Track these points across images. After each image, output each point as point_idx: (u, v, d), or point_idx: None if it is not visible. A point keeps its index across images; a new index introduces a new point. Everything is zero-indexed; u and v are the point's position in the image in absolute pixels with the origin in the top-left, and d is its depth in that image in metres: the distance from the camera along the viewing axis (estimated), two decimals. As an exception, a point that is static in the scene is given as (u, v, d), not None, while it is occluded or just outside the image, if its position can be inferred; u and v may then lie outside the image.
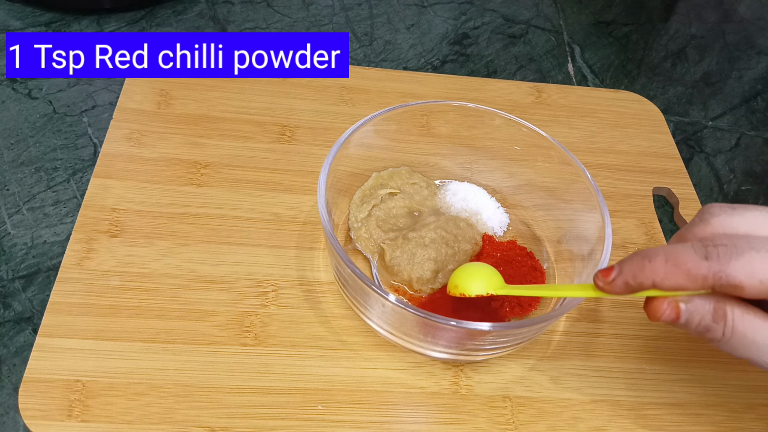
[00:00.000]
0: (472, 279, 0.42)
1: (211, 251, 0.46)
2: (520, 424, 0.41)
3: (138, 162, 0.51)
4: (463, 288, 0.41)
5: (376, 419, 0.41)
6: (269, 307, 0.44)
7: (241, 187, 0.51)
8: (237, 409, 0.40)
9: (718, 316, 0.32)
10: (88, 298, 0.43)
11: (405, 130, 0.50)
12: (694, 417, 0.43)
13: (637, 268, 0.32)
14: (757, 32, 0.78)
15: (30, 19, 0.63)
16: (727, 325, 0.31)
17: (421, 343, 0.41)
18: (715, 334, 0.32)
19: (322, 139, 0.55)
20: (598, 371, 0.44)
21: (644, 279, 0.32)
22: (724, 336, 0.32)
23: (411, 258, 0.45)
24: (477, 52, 0.69)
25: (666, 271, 0.31)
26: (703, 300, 0.32)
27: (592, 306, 0.48)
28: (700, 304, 0.32)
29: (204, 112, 0.55)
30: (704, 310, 0.32)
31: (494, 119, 0.50)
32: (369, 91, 0.59)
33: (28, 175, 0.51)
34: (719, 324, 0.32)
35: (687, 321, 0.32)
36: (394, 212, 0.48)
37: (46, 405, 0.38)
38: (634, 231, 0.53)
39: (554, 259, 0.49)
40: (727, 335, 0.32)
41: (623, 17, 0.77)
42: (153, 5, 0.66)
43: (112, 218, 0.47)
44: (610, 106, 0.62)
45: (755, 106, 0.69)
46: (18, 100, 0.56)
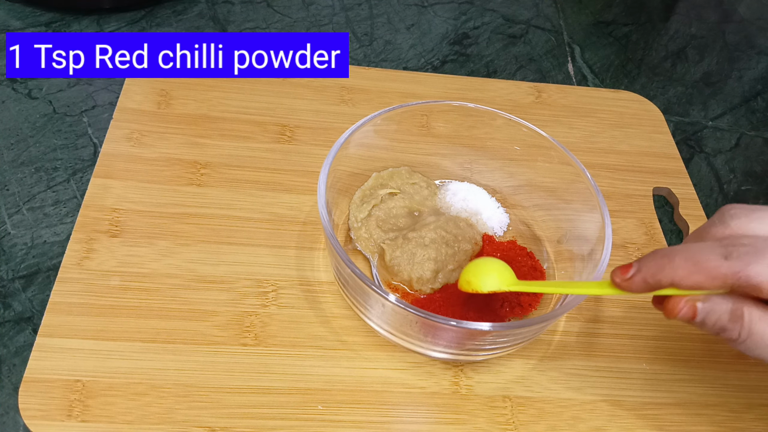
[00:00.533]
0: (485, 274, 0.41)
1: (211, 251, 0.46)
2: (520, 424, 0.41)
3: (138, 162, 0.51)
4: (476, 284, 0.41)
5: (376, 419, 0.41)
6: (269, 307, 0.44)
7: (241, 187, 0.51)
8: (237, 409, 0.40)
9: (736, 317, 0.31)
10: (88, 298, 0.43)
11: (405, 130, 0.50)
12: (694, 417, 0.43)
13: (656, 266, 0.32)
14: (757, 32, 0.78)
15: (30, 19, 0.63)
16: (744, 326, 0.31)
17: (421, 343, 0.41)
18: (731, 334, 0.32)
19: (322, 139, 0.55)
20: (598, 371, 0.44)
21: (663, 277, 0.32)
22: (740, 337, 0.32)
23: (411, 258, 0.45)
24: (477, 52, 0.69)
25: (686, 270, 0.31)
26: (721, 300, 0.32)
27: (592, 306, 0.48)
28: (717, 304, 0.32)
29: (204, 112, 0.55)
30: (721, 310, 0.32)
31: (494, 119, 0.50)
32: (369, 91, 0.59)
33: (28, 175, 0.51)
34: (736, 324, 0.32)
35: (703, 320, 0.32)
36: (394, 212, 0.48)
37: (46, 405, 0.38)
38: (634, 231, 0.53)
39: (554, 259, 0.49)
40: (743, 336, 0.32)
41: (623, 17, 0.77)
42: (153, 5, 0.66)
43: (112, 218, 0.47)
44: (610, 106, 0.62)
45: (755, 106, 0.69)
46: (18, 100, 0.56)
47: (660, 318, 0.48)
